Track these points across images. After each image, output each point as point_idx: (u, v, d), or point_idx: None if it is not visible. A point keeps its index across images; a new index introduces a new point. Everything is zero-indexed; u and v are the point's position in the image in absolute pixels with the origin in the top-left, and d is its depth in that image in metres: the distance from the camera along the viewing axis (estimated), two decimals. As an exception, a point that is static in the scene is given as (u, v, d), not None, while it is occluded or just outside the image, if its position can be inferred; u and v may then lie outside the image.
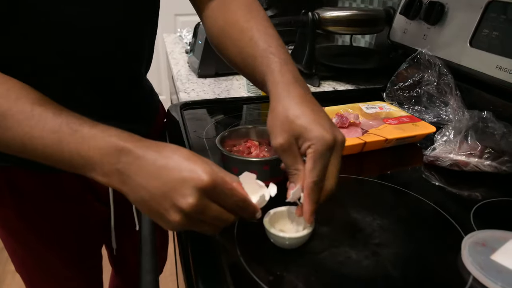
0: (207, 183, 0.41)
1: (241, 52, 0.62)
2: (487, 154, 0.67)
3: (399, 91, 0.91)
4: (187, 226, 0.43)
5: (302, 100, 0.51)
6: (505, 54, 0.73)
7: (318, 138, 0.47)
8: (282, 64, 0.55)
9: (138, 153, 0.44)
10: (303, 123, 0.48)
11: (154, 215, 0.44)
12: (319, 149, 0.46)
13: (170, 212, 0.42)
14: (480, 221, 0.57)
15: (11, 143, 0.46)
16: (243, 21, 0.63)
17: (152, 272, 0.55)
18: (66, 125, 0.45)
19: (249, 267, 0.47)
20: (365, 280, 0.46)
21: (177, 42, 1.65)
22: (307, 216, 0.48)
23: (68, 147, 0.44)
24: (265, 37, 0.59)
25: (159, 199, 0.42)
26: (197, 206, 0.41)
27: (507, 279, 0.45)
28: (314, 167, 0.46)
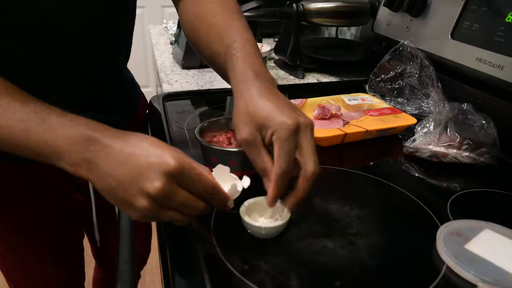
0: (173, 168, 0.41)
1: (208, 48, 0.63)
2: (465, 146, 0.67)
3: (382, 83, 0.92)
4: (155, 213, 0.43)
5: (262, 93, 0.50)
6: (485, 46, 0.74)
7: (280, 124, 0.46)
8: (243, 60, 0.55)
9: (106, 141, 0.44)
10: (264, 113, 0.48)
11: (122, 203, 0.44)
12: (282, 135, 0.46)
13: (137, 197, 0.42)
14: (456, 211, 0.58)
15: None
16: (211, 15, 0.63)
17: (129, 262, 0.55)
18: (34, 114, 0.45)
19: (224, 257, 0.47)
20: (341, 269, 0.47)
21: (162, 33, 1.63)
22: (270, 201, 0.48)
23: (36, 136, 0.44)
24: (231, 32, 0.59)
25: (126, 185, 0.42)
26: (164, 191, 0.41)
27: (480, 268, 0.46)
28: (280, 153, 0.46)
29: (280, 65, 1.21)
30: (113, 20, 0.68)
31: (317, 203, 0.58)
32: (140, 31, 2.70)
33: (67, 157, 0.44)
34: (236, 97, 0.53)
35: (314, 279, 0.45)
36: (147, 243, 1.10)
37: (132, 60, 0.81)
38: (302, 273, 0.46)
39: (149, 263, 1.17)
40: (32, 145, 0.45)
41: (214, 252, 0.48)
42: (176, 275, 0.46)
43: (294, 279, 0.45)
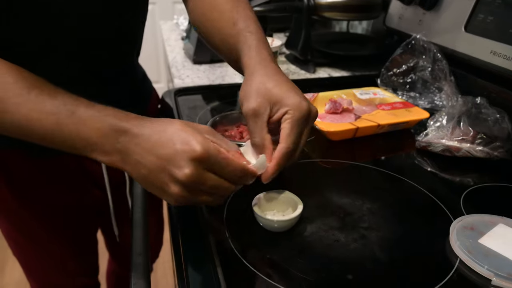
0: (200, 154, 0.42)
1: (220, 33, 0.64)
2: (479, 140, 0.67)
3: (394, 77, 0.91)
4: (188, 198, 0.44)
5: (279, 73, 0.53)
6: (500, 39, 0.73)
7: (296, 105, 0.49)
8: (259, 42, 0.57)
9: (134, 131, 0.44)
10: (281, 91, 0.50)
11: (156, 190, 0.45)
12: (296, 116, 0.48)
13: (169, 185, 0.43)
14: (469, 206, 0.57)
15: (9, 126, 0.46)
16: (223, 3, 0.64)
17: (142, 254, 0.55)
18: (64, 106, 0.45)
19: (237, 250, 0.48)
20: (353, 262, 0.47)
21: (173, 29, 1.64)
22: (267, 176, 0.49)
23: (67, 128, 0.44)
24: (245, 18, 0.61)
25: (157, 173, 0.43)
26: (193, 177, 0.42)
27: (494, 263, 0.46)
28: (290, 134, 0.48)
29: (291, 59, 1.20)
30: (126, 10, 0.69)
31: (329, 197, 0.58)
32: (151, 27, 2.71)
33: (100, 148, 0.45)
34: (249, 72, 0.54)
35: (326, 272, 0.45)
36: (159, 236, 1.11)
37: (144, 56, 0.81)
38: (314, 266, 0.46)
39: (161, 256, 1.18)
40: (66, 138, 0.45)
41: (226, 245, 0.48)
42: (189, 268, 0.47)
43: (306, 272, 0.45)
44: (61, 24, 0.59)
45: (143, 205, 0.65)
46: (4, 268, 1.82)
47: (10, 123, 0.46)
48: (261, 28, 0.62)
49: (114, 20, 0.67)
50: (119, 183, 0.84)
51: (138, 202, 0.66)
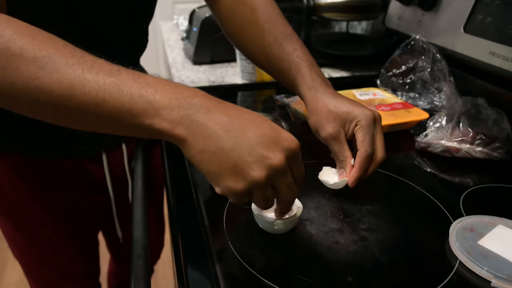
0: (296, 146, 0.41)
1: (266, 54, 0.66)
2: (478, 141, 0.67)
3: (393, 78, 0.91)
4: (262, 188, 0.40)
5: (336, 95, 0.59)
6: (499, 40, 0.73)
7: (362, 115, 0.55)
8: (310, 69, 0.62)
9: (213, 103, 0.40)
10: (346, 109, 0.56)
11: (227, 171, 0.40)
12: (364, 123, 0.55)
13: (253, 167, 0.39)
14: (469, 207, 0.57)
15: (55, 88, 0.39)
16: (263, 20, 0.66)
17: (142, 256, 0.55)
18: (125, 70, 0.40)
19: (237, 252, 0.48)
20: (353, 264, 0.47)
21: (173, 29, 1.64)
22: (352, 180, 0.55)
23: (129, 89, 0.39)
24: (288, 39, 0.64)
25: (245, 150, 0.39)
26: (284, 165, 0.40)
27: (493, 264, 0.46)
28: (364, 139, 0.54)
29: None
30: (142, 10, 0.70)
31: (329, 199, 0.58)
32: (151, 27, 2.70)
33: (167, 113, 0.39)
34: (311, 102, 0.60)
35: (326, 274, 0.45)
36: (160, 238, 1.11)
37: (144, 56, 0.81)
38: (314, 268, 0.46)
39: (161, 257, 1.18)
40: (124, 100, 0.39)
41: (226, 247, 0.49)
42: (189, 270, 0.47)
43: (306, 274, 0.45)
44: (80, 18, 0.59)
45: (144, 206, 0.65)
46: (4, 269, 1.82)
47: (57, 84, 0.39)
48: (304, 46, 0.65)
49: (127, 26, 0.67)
50: (121, 185, 0.84)
51: (138, 203, 0.66)
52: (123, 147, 0.81)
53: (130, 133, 0.42)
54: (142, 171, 0.72)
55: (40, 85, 0.38)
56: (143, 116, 0.39)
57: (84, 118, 0.41)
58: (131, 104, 0.39)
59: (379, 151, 0.56)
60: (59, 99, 0.39)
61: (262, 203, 0.43)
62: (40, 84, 0.38)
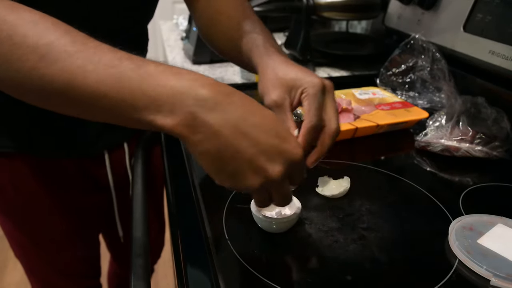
0: (299, 157, 0.41)
1: (226, 35, 0.66)
2: (478, 140, 0.67)
3: (393, 77, 0.91)
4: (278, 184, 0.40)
5: (287, 62, 0.55)
6: (498, 39, 0.73)
7: (309, 82, 0.50)
8: (265, 40, 0.59)
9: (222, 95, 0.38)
10: (293, 76, 0.52)
11: (224, 172, 0.40)
12: (311, 91, 0.50)
13: (272, 163, 0.39)
14: (469, 206, 0.57)
15: (56, 79, 0.38)
16: (232, 9, 0.67)
17: (142, 256, 0.56)
18: (127, 59, 0.39)
19: (236, 251, 0.48)
20: (352, 263, 0.47)
21: (173, 29, 1.64)
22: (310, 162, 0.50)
23: (130, 83, 0.38)
24: (251, 22, 0.63)
25: (246, 160, 0.39)
26: (283, 176, 0.40)
27: (492, 263, 0.46)
28: (310, 108, 0.49)
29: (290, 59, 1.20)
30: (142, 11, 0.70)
31: (328, 198, 0.58)
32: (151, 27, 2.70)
33: (168, 108, 0.37)
34: (262, 68, 0.56)
35: (325, 273, 0.45)
36: (160, 237, 1.12)
37: (143, 57, 0.81)
38: (314, 267, 0.46)
39: (162, 256, 1.18)
40: (124, 94, 0.38)
41: (226, 246, 0.49)
42: (189, 269, 0.47)
43: (305, 273, 0.45)
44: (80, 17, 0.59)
45: (143, 206, 0.66)
46: (5, 268, 1.82)
47: (57, 76, 0.38)
48: (267, 29, 0.64)
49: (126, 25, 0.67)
50: (123, 184, 0.84)
51: (138, 202, 0.66)
52: (125, 146, 0.81)
53: (133, 126, 0.41)
54: (142, 170, 0.72)
55: (42, 75, 0.38)
56: (144, 111, 0.38)
57: (88, 109, 0.40)
58: (132, 99, 0.38)
59: (331, 122, 0.50)
60: (62, 89, 0.38)
61: (257, 202, 0.44)
62: (42, 74, 0.38)
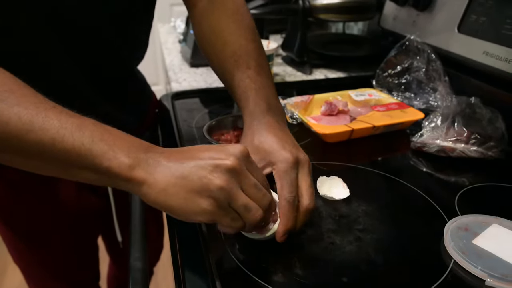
0: (244, 148, 0.43)
1: (221, 66, 0.64)
2: (473, 140, 0.67)
3: (389, 78, 0.91)
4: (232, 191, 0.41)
5: (269, 128, 0.54)
6: (492, 40, 0.73)
7: (279, 158, 0.49)
8: (257, 92, 0.58)
9: (167, 149, 0.44)
10: (267, 147, 0.51)
11: (192, 194, 0.41)
12: (281, 168, 0.49)
13: (214, 174, 0.40)
14: (464, 206, 0.58)
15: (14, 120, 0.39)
16: (227, 33, 0.64)
17: (141, 259, 0.56)
18: (87, 117, 0.42)
19: (233, 254, 0.48)
20: (348, 265, 0.47)
21: (171, 32, 1.64)
22: (279, 236, 0.47)
23: (90, 132, 0.40)
24: (246, 56, 0.61)
25: (200, 167, 0.41)
26: (240, 165, 0.42)
27: (487, 263, 0.46)
28: (281, 185, 0.48)
29: (287, 61, 1.21)
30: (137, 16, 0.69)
31: (325, 199, 0.58)
32: (149, 29, 2.71)
33: (125, 156, 0.40)
34: (246, 127, 0.56)
35: (321, 275, 0.46)
36: (159, 240, 1.12)
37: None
38: (310, 269, 0.46)
39: (161, 259, 1.19)
40: (84, 140, 0.40)
41: (223, 249, 0.49)
42: (187, 273, 0.47)
43: (301, 275, 0.45)
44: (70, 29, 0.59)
45: (141, 209, 0.66)
46: (5, 273, 1.83)
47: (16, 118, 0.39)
48: (266, 61, 0.63)
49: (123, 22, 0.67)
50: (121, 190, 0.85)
51: (136, 205, 0.67)
52: None
53: (84, 176, 0.42)
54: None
55: None
56: (101, 157, 0.40)
57: (38, 155, 0.40)
58: (91, 145, 0.40)
59: (303, 199, 0.48)
60: (14, 133, 0.39)
61: (227, 226, 0.44)
62: None
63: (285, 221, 0.47)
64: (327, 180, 0.60)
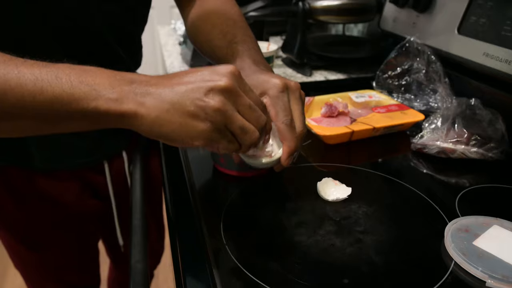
0: (235, 69, 0.42)
1: (209, 45, 0.67)
2: (473, 141, 0.67)
3: (389, 80, 0.91)
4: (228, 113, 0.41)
5: (256, 71, 0.55)
6: (492, 41, 0.73)
7: (269, 85, 0.50)
8: (243, 52, 0.60)
9: (153, 76, 0.42)
10: (256, 81, 0.52)
11: (188, 117, 0.40)
12: (272, 94, 0.50)
13: (209, 96, 0.40)
14: (465, 207, 0.58)
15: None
16: (215, 17, 0.67)
17: (141, 262, 0.56)
18: (62, 64, 0.40)
19: (234, 256, 0.48)
20: (349, 266, 0.47)
21: (171, 34, 1.64)
22: (284, 159, 0.49)
23: (68, 77, 0.39)
24: (233, 29, 0.64)
25: (193, 90, 0.40)
26: (233, 85, 0.41)
27: (488, 264, 0.46)
28: (275, 111, 0.49)
29: (287, 63, 1.21)
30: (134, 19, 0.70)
31: (325, 201, 0.58)
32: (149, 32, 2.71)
33: (109, 92, 0.39)
34: None
35: (322, 277, 0.46)
36: (160, 242, 1.12)
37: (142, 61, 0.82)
38: (311, 271, 0.46)
39: (162, 261, 1.18)
40: (64, 87, 0.38)
41: (223, 251, 0.49)
42: (187, 275, 0.47)
43: (302, 277, 0.45)
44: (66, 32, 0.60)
45: (142, 211, 0.66)
46: (5, 276, 1.82)
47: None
48: (250, 34, 0.65)
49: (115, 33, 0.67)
50: (122, 192, 0.85)
51: (136, 208, 0.67)
52: (123, 154, 0.81)
53: (76, 125, 0.41)
54: (140, 176, 0.73)
55: None
56: (85, 99, 0.39)
57: (22, 114, 0.39)
58: (72, 89, 0.38)
59: (297, 125, 0.50)
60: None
61: (224, 148, 0.44)
62: None
63: (288, 143, 0.49)
64: (328, 181, 0.60)
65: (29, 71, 0.39)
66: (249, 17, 0.98)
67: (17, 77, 0.38)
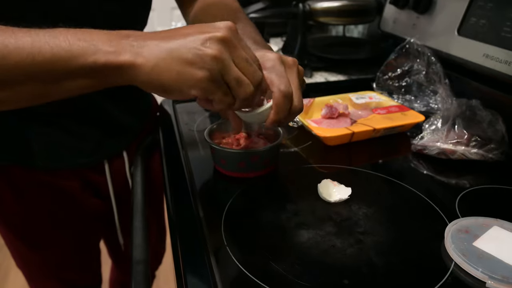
0: (232, 24, 0.43)
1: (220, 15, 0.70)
2: (474, 142, 0.67)
3: (389, 81, 0.92)
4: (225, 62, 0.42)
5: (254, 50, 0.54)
6: (492, 42, 0.74)
7: (264, 58, 0.50)
8: (244, 33, 0.61)
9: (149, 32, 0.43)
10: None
11: (186, 64, 0.41)
12: (268, 65, 0.50)
13: (206, 44, 0.41)
14: (465, 208, 0.58)
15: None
16: (215, 9, 0.70)
17: (142, 262, 0.56)
18: (58, 28, 0.41)
19: (235, 257, 0.48)
20: (349, 267, 0.47)
21: (171, 35, 1.65)
22: (269, 122, 0.50)
23: (65, 36, 0.40)
24: (233, 18, 0.66)
25: (192, 39, 0.41)
26: (230, 36, 0.42)
27: (488, 265, 0.46)
28: (272, 79, 0.49)
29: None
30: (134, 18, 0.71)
31: (326, 202, 0.58)
32: (149, 33, 2.71)
33: (107, 46, 0.40)
34: None
35: (322, 278, 0.46)
36: (162, 243, 1.12)
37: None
38: (311, 272, 0.47)
39: (164, 262, 1.19)
40: (62, 45, 0.39)
41: (224, 252, 0.49)
42: (188, 276, 0.47)
43: (302, 277, 0.46)
44: None
45: (143, 213, 0.66)
46: (7, 276, 1.83)
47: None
48: (250, 24, 0.66)
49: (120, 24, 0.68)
50: (123, 192, 0.85)
51: (138, 209, 0.67)
52: (124, 154, 0.82)
53: (76, 85, 0.42)
54: (141, 177, 0.73)
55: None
56: (84, 55, 0.40)
57: (23, 77, 0.40)
58: (70, 46, 0.39)
59: (294, 100, 0.50)
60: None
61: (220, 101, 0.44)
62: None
63: (278, 110, 0.49)
64: (327, 182, 0.61)
65: (26, 35, 0.39)
66: (250, 18, 0.99)
67: (15, 41, 0.39)
